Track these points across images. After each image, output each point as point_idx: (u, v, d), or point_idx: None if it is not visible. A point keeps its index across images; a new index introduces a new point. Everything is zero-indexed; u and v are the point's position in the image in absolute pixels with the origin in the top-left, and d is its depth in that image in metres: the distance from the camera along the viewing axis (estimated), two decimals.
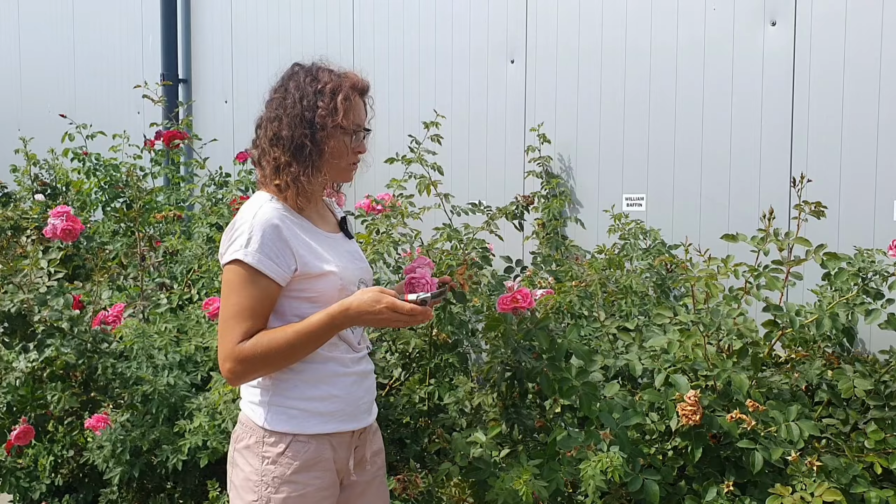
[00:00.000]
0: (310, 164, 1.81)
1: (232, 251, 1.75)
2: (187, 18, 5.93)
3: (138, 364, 2.87)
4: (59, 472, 3.25)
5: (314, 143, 1.81)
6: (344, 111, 1.83)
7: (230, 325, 1.74)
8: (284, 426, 1.79)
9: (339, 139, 1.84)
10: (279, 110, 1.85)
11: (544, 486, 2.10)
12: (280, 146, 1.82)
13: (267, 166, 1.85)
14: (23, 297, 2.72)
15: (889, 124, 3.05)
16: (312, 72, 1.89)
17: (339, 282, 1.81)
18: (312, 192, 1.85)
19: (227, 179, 4.48)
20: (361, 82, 1.90)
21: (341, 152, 1.85)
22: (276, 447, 1.79)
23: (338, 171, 1.89)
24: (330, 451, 1.83)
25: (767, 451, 2.02)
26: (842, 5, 3.14)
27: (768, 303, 2.27)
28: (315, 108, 1.82)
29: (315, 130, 1.81)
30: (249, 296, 1.74)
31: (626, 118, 3.76)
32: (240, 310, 1.74)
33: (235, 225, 1.79)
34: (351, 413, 1.87)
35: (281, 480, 1.78)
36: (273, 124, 1.85)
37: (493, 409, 2.54)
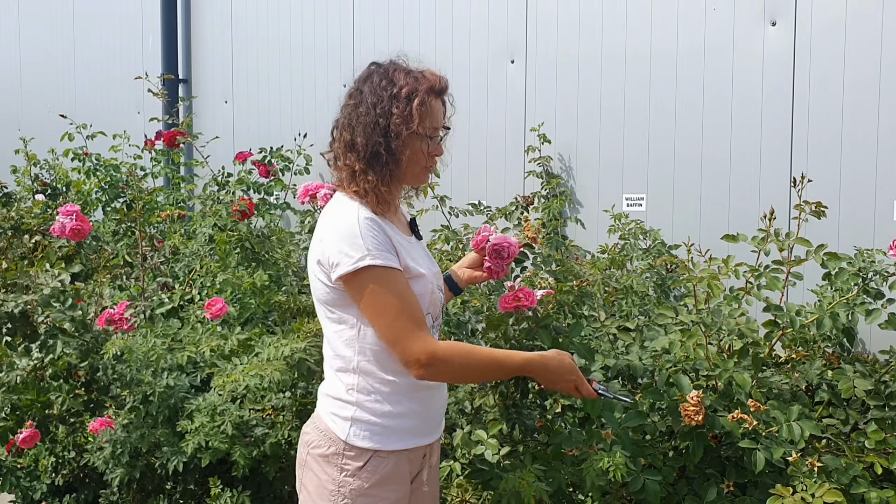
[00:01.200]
0: (387, 173, 1.76)
1: (353, 260, 1.69)
2: (187, 19, 5.93)
3: (137, 367, 2.87)
4: (60, 472, 3.25)
5: (390, 152, 1.75)
6: (420, 117, 1.75)
7: (401, 327, 1.70)
8: (367, 443, 1.77)
9: (415, 146, 1.77)
10: (353, 116, 1.79)
11: (546, 489, 2.11)
12: (355, 153, 1.77)
13: (343, 172, 1.80)
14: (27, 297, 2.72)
15: (889, 125, 3.06)
16: (388, 74, 1.79)
17: (429, 286, 1.80)
18: (391, 200, 1.81)
19: (229, 179, 4.48)
20: (439, 83, 1.81)
21: (418, 158, 1.80)
22: (357, 461, 1.77)
23: (414, 176, 1.83)
24: (407, 464, 1.82)
25: (769, 451, 2.02)
26: (842, 7, 3.14)
27: (769, 303, 2.28)
28: (389, 114, 1.74)
29: (390, 139, 1.74)
30: (398, 292, 1.70)
31: (626, 118, 3.77)
32: (399, 308, 1.70)
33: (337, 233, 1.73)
34: (428, 427, 1.87)
35: (358, 493, 1.76)
36: (347, 131, 1.79)
37: (494, 410, 2.54)
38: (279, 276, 3.35)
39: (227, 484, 2.92)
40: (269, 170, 4.61)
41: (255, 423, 2.84)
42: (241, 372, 2.57)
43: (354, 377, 1.79)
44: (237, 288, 3.25)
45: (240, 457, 2.71)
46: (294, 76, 5.20)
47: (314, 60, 5.07)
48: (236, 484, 2.91)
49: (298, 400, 2.91)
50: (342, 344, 1.80)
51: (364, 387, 1.78)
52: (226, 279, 3.25)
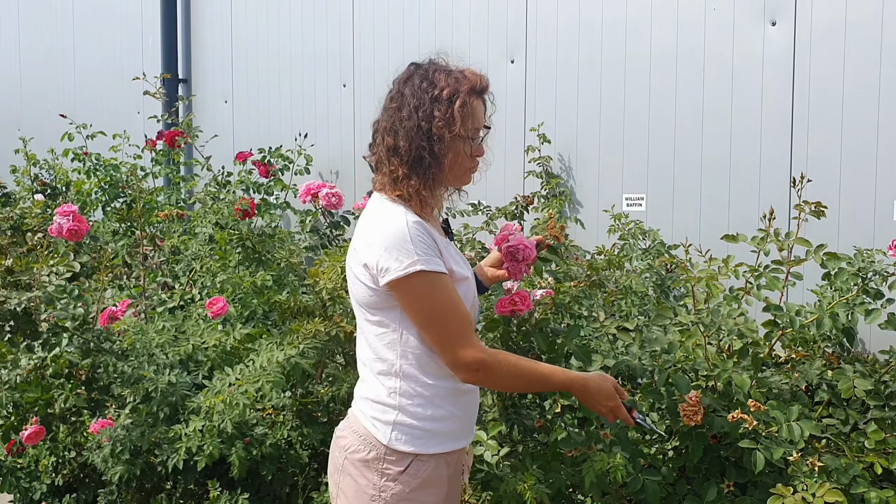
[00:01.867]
0: (430, 178, 1.75)
1: (403, 266, 1.68)
2: (187, 19, 5.93)
3: (139, 362, 2.87)
4: (60, 472, 3.25)
5: (433, 156, 1.74)
6: (462, 119, 1.75)
7: (452, 331, 1.71)
8: (408, 447, 1.76)
9: (457, 148, 1.78)
10: (395, 121, 1.77)
11: (547, 491, 2.11)
12: (398, 158, 1.76)
13: (386, 176, 1.79)
14: (30, 294, 2.72)
15: (889, 124, 3.06)
16: (428, 75, 1.78)
17: (472, 289, 1.80)
18: (434, 204, 1.81)
19: (230, 179, 4.48)
20: (480, 83, 1.81)
21: (461, 161, 1.80)
22: (398, 466, 1.76)
23: (457, 178, 1.84)
24: (445, 467, 1.81)
25: (769, 451, 2.02)
26: (842, 6, 3.14)
27: (768, 303, 2.28)
28: (431, 117, 1.74)
29: (433, 143, 1.74)
30: (447, 298, 1.70)
31: (626, 118, 3.76)
32: (448, 314, 1.70)
33: (385, 236, 1.72)
34: (466, 429, 1.87)
35: (399, 497, 1.76)
36: (390, 135, 1.77)
37: (493, 410, 2.54)
38: (280, 276, 3.35)
39: (227, 483, 2.92)
40: (269, 169, 4.61)
41: (255, 422, 2.84)
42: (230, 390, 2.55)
43: (397, 381, 1.78)
44: (238, 287, 3.25)
45: (236, 459, 2.71)
46: (294, 75, 5.20)
47: (314, 60, 5.07)
48: (236, 483, 2.91)
49: (298, 400, 2.91)
50: (384, 347, 1.79)
51: (406, 390, 1.77)
52: (226, 278, 3.25)
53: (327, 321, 2.69)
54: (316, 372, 2.88)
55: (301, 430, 2.88)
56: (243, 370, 2.60)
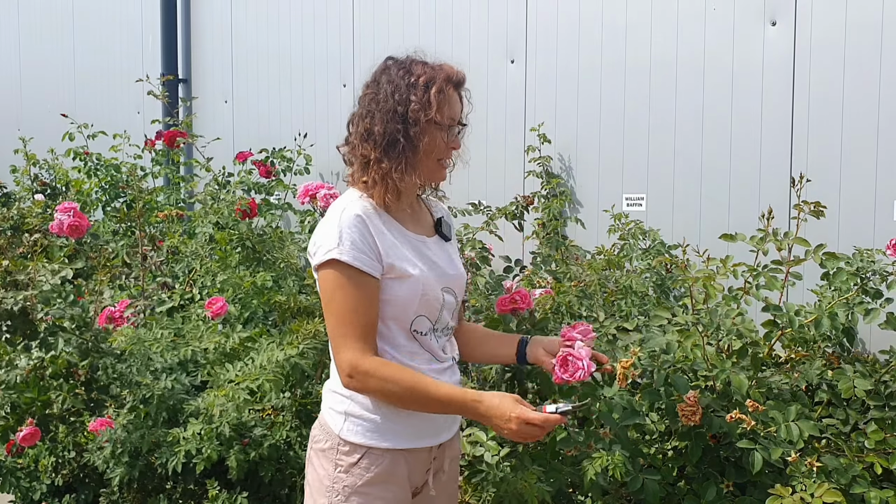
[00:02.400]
0: (402, 161, 1.73)
1: (324, 251, 1.69)
2: (187, 19, 5.93)
3: (137, 368, 2.87)
4: (60, 472, 3.25)
5: (407, 139, 1.73)
6: (438, 105, 1.74)
7: (342, 334, 1.68)
8: (360, 438, 1.75)
9: (433, 135, 1.76)
10: (371, 105, 1.77)
11: (548, 490, 2.11)
12: (371, 142, 1.75)
13: (356, 163, 1.79)
14: (26, 293, 2.72)
15: (889, 124, 3.06)
16: (405, 65, 1.79)
17: (419, 287, 1.74)
18: (403, 190, 1.77)
19: (230, 179, 4.48)
20: (457, 74, 1.81)
21: (435, 149, 1.78)
22: (350, 457, 1.75)
23: (431, 169, 1.81)
24: (404, 466, 1.78)
25: (767, 451, 2.02)
26: (842, 7, 3.14)
27: (768, 303, 2.28)
28: (408, 101, 1.73)
29: (408, 126, 1.73)
30: (353, 296, 1.67)
31: (626, 118, 3.76)
32: (347, 313, 1.68)
33: (324, 224, 1.74)
34: (430, 429, 1.81)
35: (351, 490, 1.75)
36: (365, 120, 1.77)
37: None
38: (279, 276, 3.35)
39: (227, 483, 2.92)
40: (269, 170, 4.61)
41: (254, 423, 2.84)
42: (231, 386, 2.55)
43: None
44: (238, 287, 3.25)
45: (234, 461, 2.71)
46: (294, 76, 5.20)
47: (314, 60, 5.07)
48: (236, 484, 2.91)
49: (298, 400, 2.91)
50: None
51: None
52: (226, 278, 3.25)
53: None
54: (315, 372, 2.88)
55: (300, 430, 2.87)
56: (244, 367, 2.61)
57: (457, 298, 1.87)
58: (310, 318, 2.73)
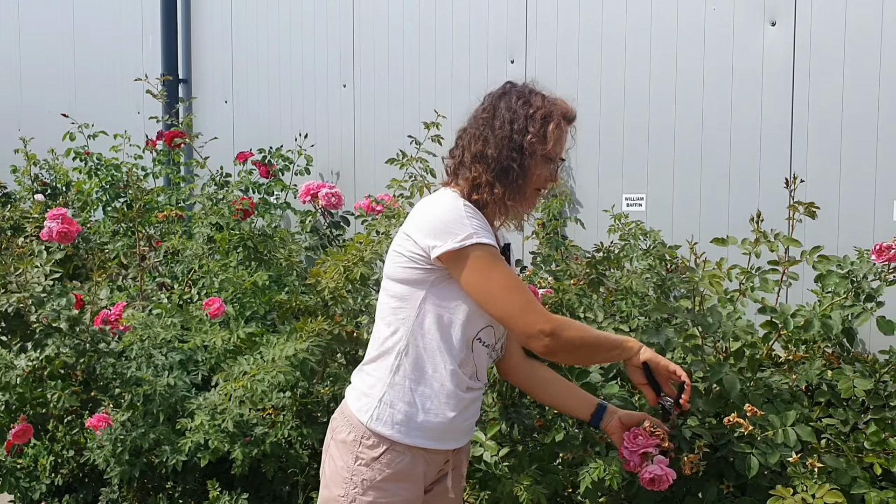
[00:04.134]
0: (515, 189, 1.79)
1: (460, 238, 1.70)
2: (187, 19, 5.93)
3: (138, 365, 2.86)
4: (59, 472, 3.25)
5: (522, 169, 1.79)
6: (554, 140, 1.83)
7: (520, 301, 1.72)
8: (387, 430, 1.76)
9: (541, 167, 1.83)
10: (486, 128, 1.82)
11: (544, 492, 2.11)
12: (484, 164, 1.80)
13: (465, 182, 1.82)
14: (19, 296, 2.72)
15: (889, 123, 3.05)
16: (525, 94, 1.85)
17: None
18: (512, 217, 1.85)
19: (228, 179, 4.48)
20: (571, 112, 1.91)
21: (540, 180, 1.84)
22: (373, 451, 1.77)
23: (530, 198, 1.88)
24: (423, 465, 1.81)
25: (764, 455, 2.01)
26: (842, 5, 3.14)
27: (765, 304, 2.28)
28: (525, 132, 1.80)
29: (524, 157, 1.79)
30: (507, 271, 1.75)
31: (625, 118, 3.76)
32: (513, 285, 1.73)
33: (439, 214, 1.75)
34: (456, 433, 1.84)
35: (369, 484, 1.76)
36: (479, 142, 1.82)
37: (493, 409, 2.54)
38: (280, 276, 3.35)
39: (226, 484, 2.92)
40: (269, 170, 4.61)
41: (256, 422, 2.84)
42: (247, 377, 2.56)
43: (399, 358, 1.79)
44: (238, 287, 3.25)
45: (239, 455, 2.71)
46: (294, 76, 5.20)
47: (314, 60, 5.07)
48: (235, 484, 2.91)
49: (298, 400, 2.91)
50: (398, 321, 1.80)
51: (405, 370, 1.78)
52: (226, 279, 3.25)
53: (330, 320, 2.69)
54: (320, 370, 2.88)
55: (301, 430, 2.88)
56: (257, 360, 2.61)
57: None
58: (312, 318, 2.73)
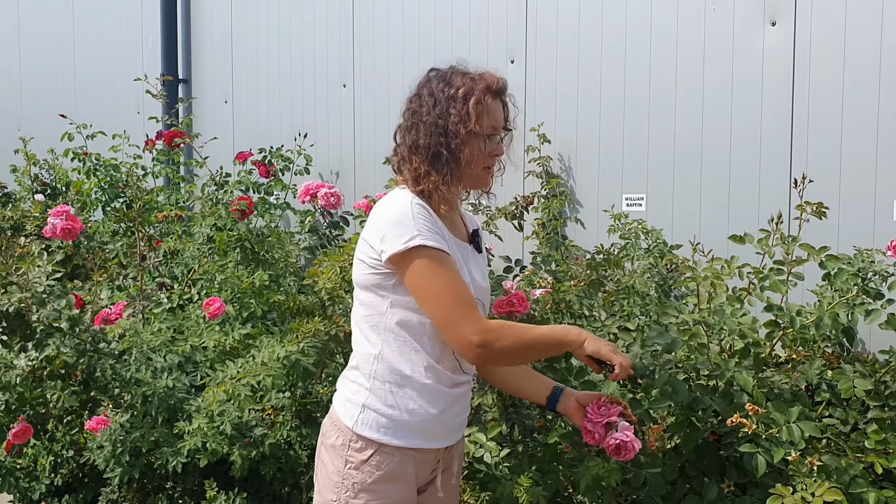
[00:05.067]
0: (448, 173, 1.78)
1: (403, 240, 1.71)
2: (187, 19, 5.93)
3: (137, 366, 2.86)
4: (59, 472, 3.25)
5: (450, 152, 1.78)
6: (477, 116, 1.79)
7: (456, 307, 1.71)
8: (373, 433, 1.77)
9: (474, 145, 1.80)
10: (415, 119, 1.83)
11: (544, 493, 2.10)
12: (419, 155, 1.80)
13: (408, 174, 1.83)
14: (20, 295, 2.72)
15: (889, 124, 3.05)
16: (446, 77, 1.85)
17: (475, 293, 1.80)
18: (452, 200, 1.83)
19: (227, 179, 4.48)
20: (497, 83, 1.86)
21: (477, 158, 1.82)
22: (362, 453, 1.77)
23: (475, 178, 1.85)
24: (413, 465, 1.81)
25: (769, 453, 2.01)
26: (842, 5, 3.14)
27: (770, 303, 2.27)
28: (447, 114, 1.79)
29: (450, 139, 1.78)
30: (449, 275, 1.71)
31: (626, 118, 3.76)
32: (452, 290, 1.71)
33: (387, 216, 1.76)
34: (442, 431, 1.84)
35: (360, 487, 1.77)
36: (411, 133, 1.83)
37: (493, 410, 2.54)
38: (278, 276, 3.35)
39: (225, 484, 2.92)
40: (269, 170, 4.61)
41: (255, 423, 2.84)
42: (231, 382, 2.56)
43: (376, 364, 1.79)
44: (237, 288, 3.25)
45: (238, 458, 2.71)
46: (294, 76, 5.20)
47: (314, 60, 5.07)
48: (235, 484, 2.91)
49: (298, 400, 2.91)
50: (370, 328, 1.81)
51: (382, 374, 1.79)
52: (225, 279, 3.25)
53: (327, 321, 2.69)
54: (317, 370, 2.88)
55: (300, 430, 2.88)
56: (245, 364, 2.61)
57: (485, 311, 1.90)
58: (310, 318, 2.73)
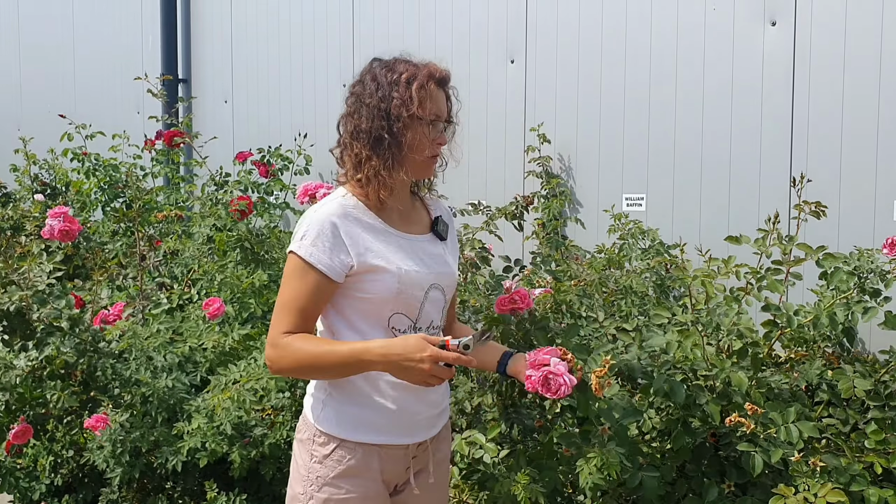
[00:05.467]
0: (389, 157, 1.76)
1: (292, 242, 1.76)
2: (187, 19, 5.93)
3: (137, 366, 2.86)
4: (59, 472, 3.25)
5: (392, 136, 1.75)
6: (419, 100, 1.76)
7: (279, 313, 1.75)
8: (334, 429, 1.78)
9: (416, 130, 1.77)
10: (358, 104, 1.81)
11: (542, 490, 2.10)
12: (360, 140, 1.78)
13: (348, 161, 1.82)
14: (21, 294, 2.71)
15: (889, 124, 3.05)
16: (389, 64, 1.83)
17: (395, 284, 1.76)
18: (394, 187, 1.79)
19: (227, 179, 4.48)
20: (440, 72, 1.84)
21: (421, 145, 1.78)
22: (325, 448, 1.79)
23: (418, 165, 1.81)
24: (378, 461, 1.80)
25: (767, 453, 2.01)
26: (841, 5, 3.14)
27: (768, 303, 2.27)
28: (390, 98, 1.76)
29: (392, 122, 1.75)
30: (298, 288, 1.73)
31: (626, 118, 3.76)
32: (289, 300, 1.74)
33: (302, 217, 1.80)
34: (406, 427, 1.82)
35: (324, 481, 1.78)
36: (353, 118, 1.81)
37: (493, 410, 2.54)
38: (278, 276, 3.35)
39: (225, 484, 2.92)
40: (268, 170, 4.61)
41: (255, 423, 2.84)
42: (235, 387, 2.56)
43: None
44: (236, 288, 3.25)
45: (237, 458, 2.71)
46: (294, 77, 5.20)
47: (314, 60, 5.07)
48: (235, 485, 2.91)
49: (298, 400, 2.91)
50: (327, 325, 1.83)
51: None
52: (224, 279, 3.25)
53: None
54: None
55: None
56: (247, 367, 2.61)
57: (445, 296, 1.88)
58: None
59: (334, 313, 1.79)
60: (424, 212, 1.94)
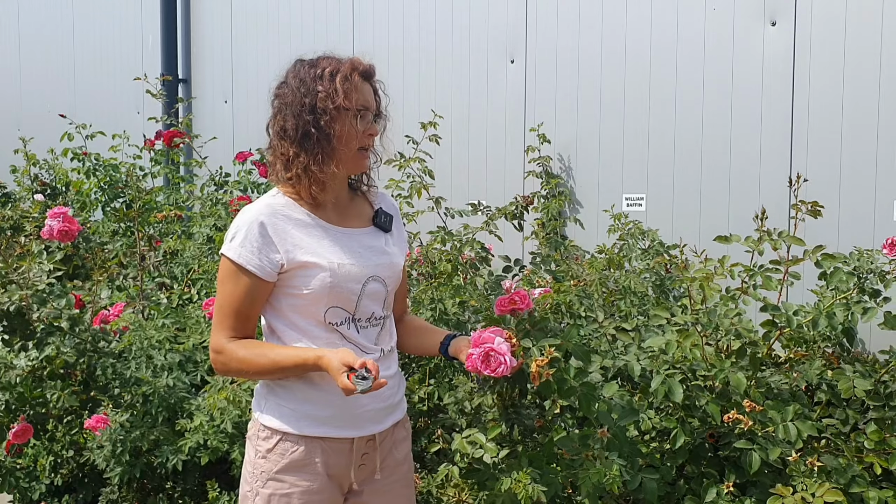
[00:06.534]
0: (318, 151, 1.76)
1: (223, 245, 1.79)
2: (187, 18, 5.93)
3: (137, 364, 2.86)
4: (59, 472, 3.25)
5: (319, 129, 1.75)
6: (345, 92, 1.76)
7: (218, 317, 1.79)
8: (275, 423, 1.79)
9: (344, 122, 1.77)
10: (281, 104, 1.82)
11: (543, 490, 2.10)
12: (287, 139, 1.79)
13: (277, 162, 1.82)
14: (21, 293, 2.71)
15: (889, 124, 3.05)
16: (311, 61, 1.84)
17: (328, 279, 1.76)
18: (326, 181, 1.79)
19: (227, 179, 4.48)
20: (363, 65, 1.84)
21: (350, 136, 1.78)
22: (268, 442, 1.80)
23: (350, 158, 1.81)
24: (321, 454, 1.79)
25: (765, 451, 2.01)
26: (842, 5, 3.14)
27: (766, 302, 2.27)
28: (315, 92, 1.76)
29: (318, 116, 1.75)
30: (232, 291, 1.76)
31: (625, 118, 3.76)
32: (225, 304, 1.78)
33: (236, 219, 1.82)
34: (350, 420, 1.81)
35: (268, 476, 1.79)
36: (278, 118, 1.81)
37: (493, 410, 2.54)
38: None
39: (226, 484, 2.92)
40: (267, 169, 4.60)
41: None
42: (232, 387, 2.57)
43: None
44: None
45: (239, 455, 2.71)
46: None
47: None
48: (235, 484, 2.91)
49: None
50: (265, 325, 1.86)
51: None
52: None
53: None
54: None
55: None
56: None
57: (387, 287, 1.88)
58: None
59: (272, 311, 1.81)
60: (366, 205, 1.94)
